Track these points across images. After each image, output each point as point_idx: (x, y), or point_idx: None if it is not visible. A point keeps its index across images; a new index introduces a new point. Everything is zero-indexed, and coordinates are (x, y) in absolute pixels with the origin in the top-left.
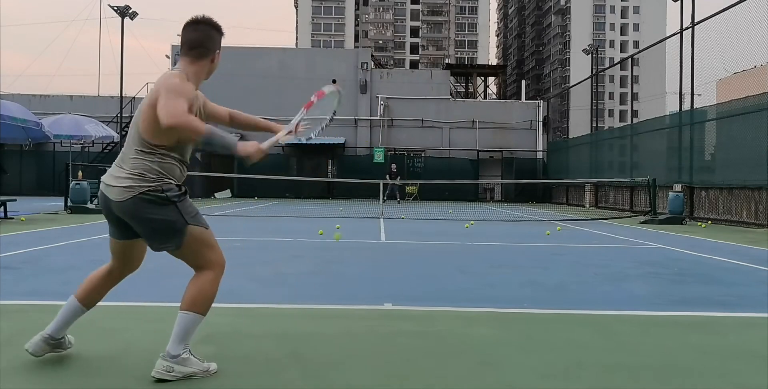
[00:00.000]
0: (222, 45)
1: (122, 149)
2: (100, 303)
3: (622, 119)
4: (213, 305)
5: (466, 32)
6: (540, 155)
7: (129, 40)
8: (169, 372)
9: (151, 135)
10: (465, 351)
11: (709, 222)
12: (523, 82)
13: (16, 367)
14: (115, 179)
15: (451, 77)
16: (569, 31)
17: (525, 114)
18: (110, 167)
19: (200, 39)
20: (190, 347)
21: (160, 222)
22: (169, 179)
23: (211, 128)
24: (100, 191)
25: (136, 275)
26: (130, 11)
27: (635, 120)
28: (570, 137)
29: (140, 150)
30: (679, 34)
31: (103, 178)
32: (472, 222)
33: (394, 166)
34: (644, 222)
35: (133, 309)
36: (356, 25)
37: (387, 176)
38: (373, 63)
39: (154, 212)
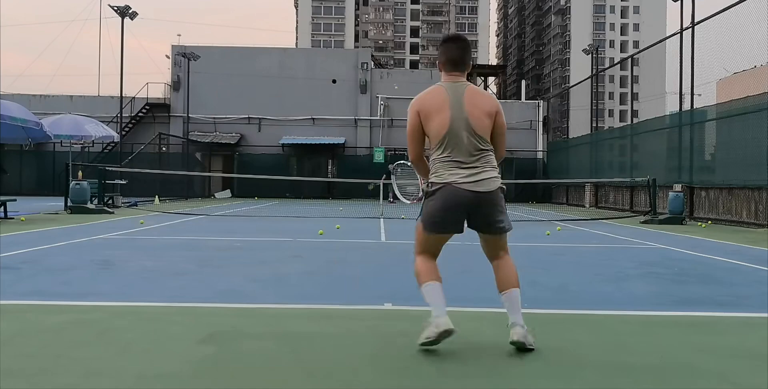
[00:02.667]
0: (223, 45)
1: (463, 148)
2: (99, 303)
3: (622, 119)
4: (213, 305)
5: (466, 32)
6: (540, 155)
7: (129, 40)
8: (524, 338)
9: (488, 137)
10: (465, 351)
11: (709, 222)
12: (523, 82)
13: (16, 367)
14: (480, 174)
15: None
16: (569, 31)
17: (525, 114)
18: (112, 166)
19: (466, 56)
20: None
21: (503, 206)
22: None
23: None
24: (454, 192)
25: (136, 275)
26: (130, 11)
27: (635, 120)
28: (570, 137)
29: (488, 150)
30: (679, 34)
31: (460, 179)
32: None
33: (391, 167)
34: (644, 222)
35: (133, 309)
36: (356, 25)
37: (384, 177)
38: (373, 63)
39: (502, 197)
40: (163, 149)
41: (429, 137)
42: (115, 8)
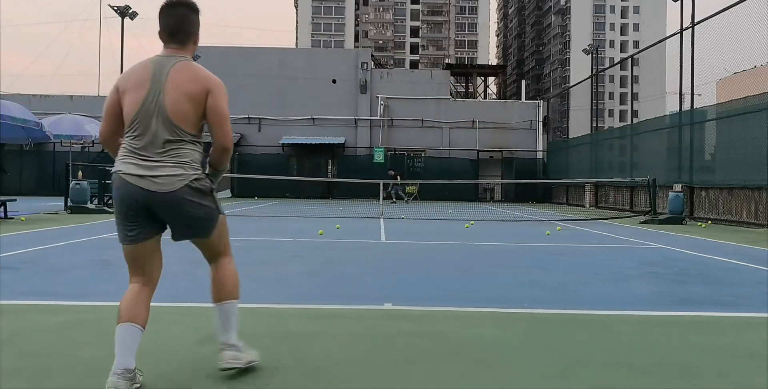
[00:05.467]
0: (222, 45)
1: (144, 140)
2: (99, 303)
3: (622, 119)
4: (212, 305)
5: (466, 32)
6: (540, 155)
7: (129, 40)
8: (238, 360)
9: (189, 126)
10: (465, 351)
11: (709, 222)
12: (523, 82)
13: (16, 367)
14: (154, 169)
15: (451, 77)
16: (569, 31)
17: (525, 114)
18: (112, 166)
19: (180, 23)
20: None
21: (201, 212)
22: (202, 169)
23: None
24: (122, 186)
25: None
26: (130, 11)
27: (635, 120)
28: (570, 137)
29: (181, 140)
30: (679, 34)
31: (127, 170)
32: (472, 222)
33: (392, 172)
34: (644, 222)
35: None
36: (356, 25)
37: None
38: (373, 63)
39: (198, 200)
40: None
41: (124, 116)
42: (115, 8)
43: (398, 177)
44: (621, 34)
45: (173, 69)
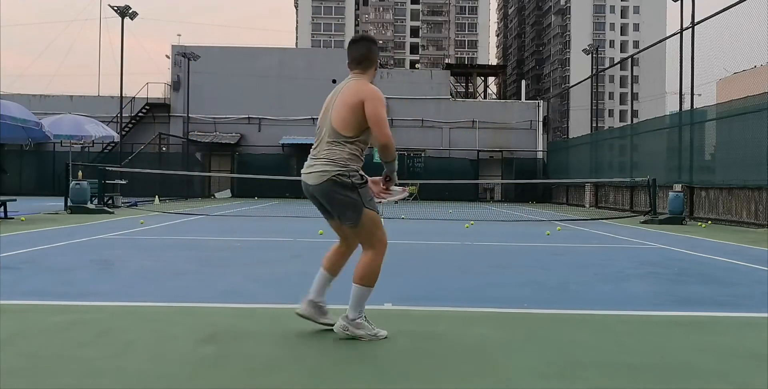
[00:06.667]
0: (222, 45)
1: (315, 144)
2: (100, 303)
3: (622, 119)
4: (213, 305)
5: (466, 32)
6: (540, 155)
7: (129, 40)
8: (345, 330)
9: (347, 130)
10: (465, 351)
11: (709, 222)
12: (523, 82)
13: (16, 367)
14: (311, 167)
15: (451, 77)
16: (569, 31)
17: (525, 114)
18: (112, 166)
19: (365, 53)
20: (365, 314)
21: (344, 202)
22: (355, 165)
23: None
24: (302, 181)
25: (136, 275)
26: (130, 11)
27: (635, 120)
28: (570, 137)
29: (334, 140)
30: (679, 34)
31: (302, 170)
32: (472, 222)
33: None
34: (644, 222)
35: (133, 309)
36: (356, 25)
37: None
38: None
39: (340, 192)
40: (163, 149)
41: None
42: (115, 8)
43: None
44: (621, 34)
45: (345, 87)
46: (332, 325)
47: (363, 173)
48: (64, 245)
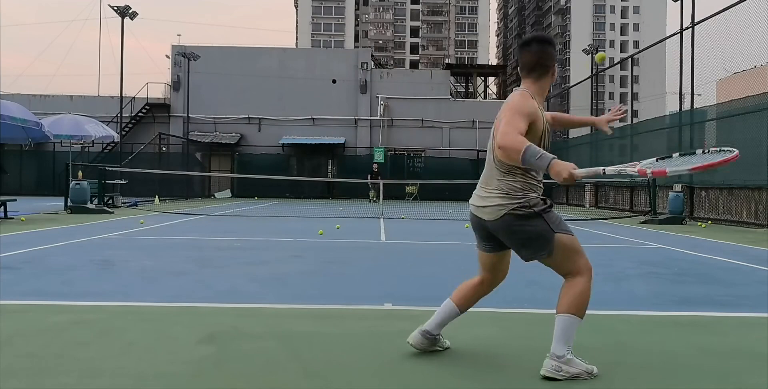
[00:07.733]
0: (222, 45)
1: (484, 170)
2: (99, 303)
3: (622, 119)
4: (213, 305)
5: (466, 32)
6: None
7: (129, 40)
8: (558, 371)
9: (501, 156)
10: (465, 351)
11: (709, 222)
12: None
13: (16, 367)
14: (484, 200)
15: (451, 77)
16: (569, 31)
17: None
18: (112, 166)
19: (536, 59)
20: (571, 348)
21: (530, 234)
22: (533, 193)
23: (527, 148)
24: (470, 212)
25: (136, 275)
26: (130, 11)
27: (635, 120)
28: (570, 137)
29: (500, 170)
30: (679, 34)
31: (471, 201)
32: None
33: (375, 165)
34: (644, 222)
35: (133, 309)
36: (356, 25)
37: (369, 176)
38: (373, 63)
39: (524, 224)
40: (163, 149)
41: None
42: (115, 8)
43: (379, 177)
44: (621, 34)
45: (504, 102)
46: (442, 349)
47: (545, 197)
48: (64, 245)
